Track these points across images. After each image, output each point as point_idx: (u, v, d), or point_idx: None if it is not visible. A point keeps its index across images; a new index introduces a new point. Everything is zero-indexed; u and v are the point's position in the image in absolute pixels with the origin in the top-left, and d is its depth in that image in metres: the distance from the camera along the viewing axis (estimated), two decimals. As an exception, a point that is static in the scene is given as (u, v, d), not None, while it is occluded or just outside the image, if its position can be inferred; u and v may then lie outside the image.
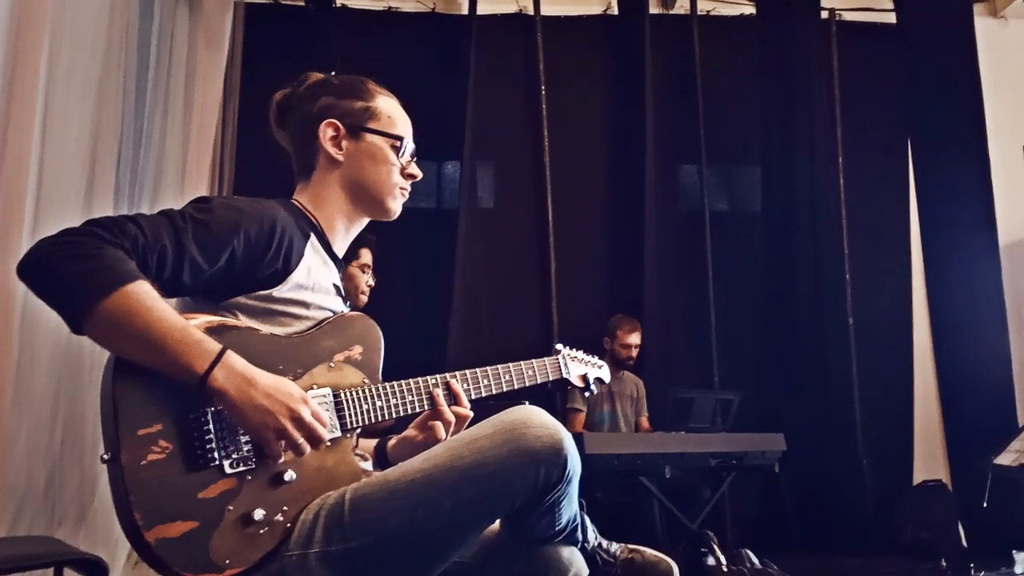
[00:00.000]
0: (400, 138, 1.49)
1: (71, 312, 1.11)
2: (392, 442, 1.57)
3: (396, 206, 1.52)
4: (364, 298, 2.98)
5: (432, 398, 1.44)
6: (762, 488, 4.46)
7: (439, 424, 1.44)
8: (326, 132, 1.46)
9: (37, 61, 2.31)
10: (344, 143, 1.47)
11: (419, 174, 1.53)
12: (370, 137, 1.48)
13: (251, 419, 1.16)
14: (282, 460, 1.22)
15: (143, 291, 1.12)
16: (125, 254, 1.13)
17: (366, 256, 2.99)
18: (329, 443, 1.27)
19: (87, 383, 2.63)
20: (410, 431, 1.52)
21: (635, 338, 4.13)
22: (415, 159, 1.54)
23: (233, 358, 1.16)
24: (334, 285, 1.45)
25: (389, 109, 1.51)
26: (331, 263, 1.46)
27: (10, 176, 2.22)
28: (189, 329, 1.14)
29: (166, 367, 1.13)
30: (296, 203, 1.47)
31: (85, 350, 2.60)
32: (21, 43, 2.25)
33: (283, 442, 1.19)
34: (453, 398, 1.47)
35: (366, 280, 2.99)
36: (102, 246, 1.11)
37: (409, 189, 1.53)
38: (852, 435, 4.50)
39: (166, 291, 1.18)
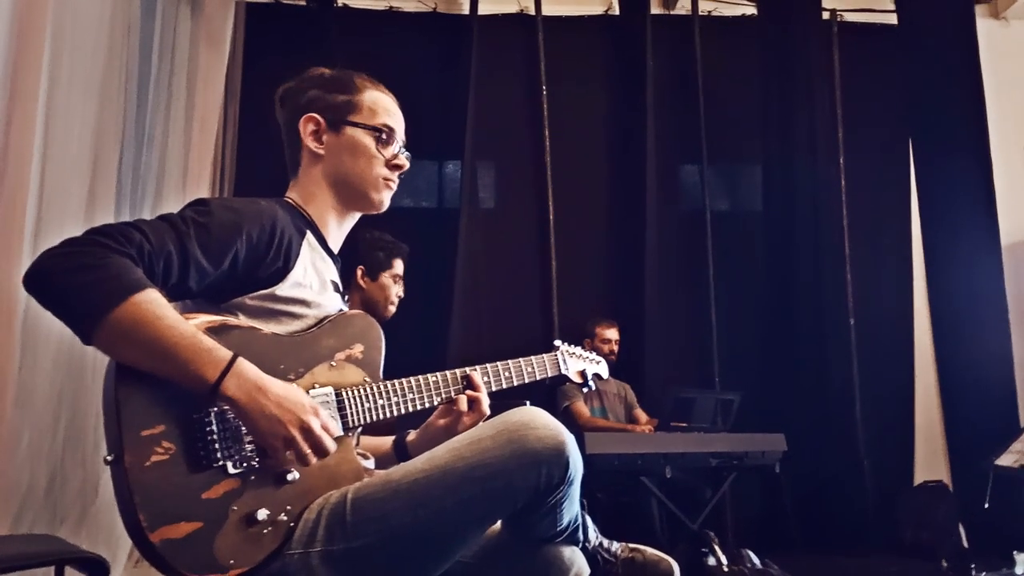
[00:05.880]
0: (381, 129, 1.47)
1: (80, 324, 1.10)
2: (411, 436, 1.58)
3: (382, 198, 1.50)
4: (392, 309, 2.74)
5: (466, 382, 1.48)
6: (763, 488, 4.45)
7: (463, 398, 1.46)
8: (306, 127, 1.46)
9: (39, 62, 2.30)
10: (324, 137, 1.46)
11: (406, 164, 1.51)
12: (350, 130, 1.46)
13: (260, 427, 1.16)
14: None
15: (152, 300, 1.12)
16: (131, 261, 1.12)
17: (399, 266, 2.79)
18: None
19: (89, 384, 2.63)
20: (432, 419, 1.52)
21: (613, 333, 4.20)
22: (403, 149, 1.51)
23: (245, 366, 1.16)
24: (332, 281, 1.45)
25: (372, 101, 1.49)
26: (328, 259, 1.46)
27: (12, 177, 2.21)
28: (199, 337, 1.14)
29: (177, 376, 1.12)
30: (289, 200, 1.47)
31: (87, 351, 2.58)
32: (22, 44, 2.24)
33: (290, 451, 1.19)
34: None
35: (396, 291, 2.76)
36: (108, 255, 1.10)
37: (396, 180, 1.50)
38: (853, 435, 4.49)
39: (172, 296, 1.18)
